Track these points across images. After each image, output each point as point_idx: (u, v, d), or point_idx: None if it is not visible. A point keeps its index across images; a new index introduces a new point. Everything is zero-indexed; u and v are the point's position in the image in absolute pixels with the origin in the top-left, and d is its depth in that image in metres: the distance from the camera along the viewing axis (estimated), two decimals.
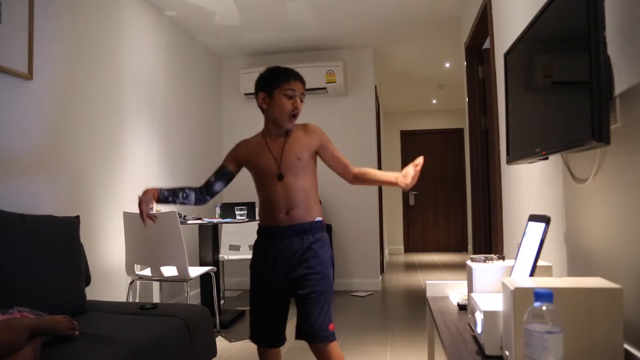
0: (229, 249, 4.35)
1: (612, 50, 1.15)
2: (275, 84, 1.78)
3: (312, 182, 1.82)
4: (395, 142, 8.09)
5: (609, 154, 1.24)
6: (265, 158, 1.79)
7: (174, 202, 1.86)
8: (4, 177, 2.26)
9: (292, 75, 1.79)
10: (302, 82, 1.81)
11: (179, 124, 4.12)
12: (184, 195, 1.86)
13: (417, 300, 4.33)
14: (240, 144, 1.90)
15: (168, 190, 1.84)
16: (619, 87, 1.15)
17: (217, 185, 1.88)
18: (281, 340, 1.83)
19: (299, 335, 1.74)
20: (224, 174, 1.88)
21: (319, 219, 1.80)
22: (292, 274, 1.75)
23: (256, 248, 1.86)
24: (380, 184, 1.79)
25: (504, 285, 1.11)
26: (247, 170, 1.89)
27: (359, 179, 1.88)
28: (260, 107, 1.85)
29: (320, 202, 1.88)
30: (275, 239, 1.78)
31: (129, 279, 3.10)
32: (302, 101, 1.80)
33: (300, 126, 1.85)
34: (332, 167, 1.89)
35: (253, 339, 1.84)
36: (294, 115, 1.78)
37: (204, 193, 1.89)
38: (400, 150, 8.10)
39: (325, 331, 1.70)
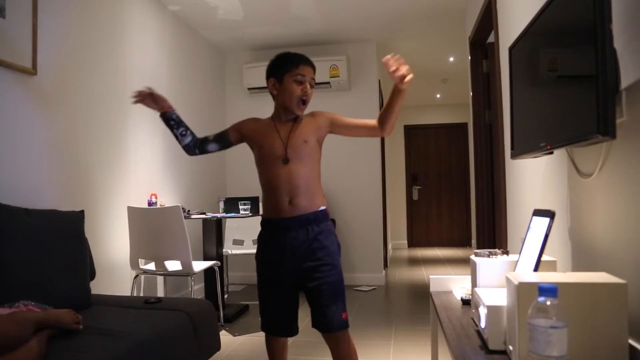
0: (233, 244, 4.37)
1: (619, 43, 1.14)
2: (285, 69, 1.78)
3: (316, 171, 1.81)
4: (399, 136, 8.07)
5: (615, 149, 1.23)
6: (271, 139, 1.79)
7: (172, 128, 1.91)
8: (9, 172, 2.27)
9: (301, 61, 1.78)
10: (312, 67, 1.81)
11: (183, 118, 4.11)
12: (184, 132, 1.90)
13: (421, 294, 4.33)
14: (249, 119, 1.91)
15: (177, 116, 1.91)
16: (625, 80, 1.14)
17: (212, 146, 1.91)
18: (290, 330, 1.84)
19: (314, 325, 1.75)
20: (223, 139, 1.90)
21: (322, 208, 1.80)
22: (300, 267, 1.74)
23: (260, 240, 1.86)
24: (395, 106, 1.72)
25: (507, 280, 1.10)
26: (248, 167, 1.90)
27: (383, 125, 1.80)
28: (271, 93, 1.85)
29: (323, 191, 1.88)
30: (279, 231, 1.77)
31: (133, 273, 3.12)
32: (312, 87, 1.79)
33: (308, 114, 1.87)
34: (357, 134, 1.91)
35: (263, 327, 1.86)
36: (304, 102, 1.78)
37: (197, 145, 1.91)
38: (404, 144, 8.08)
39: (339, 320, 1.71)
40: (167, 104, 1.89)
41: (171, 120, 1.89)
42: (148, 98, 1.86)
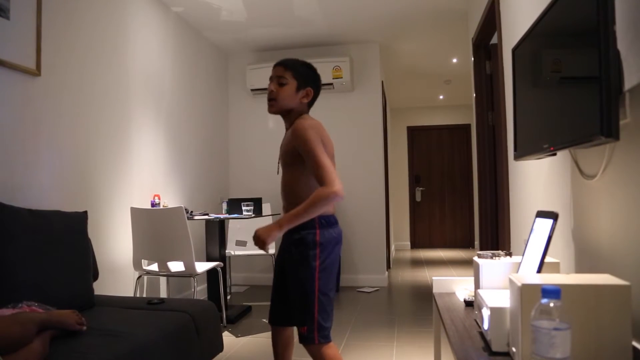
0: (236, 245, 4.37)
1: (622, 44, 1.13)
2: None
3: (298, 179, 1.71)
4: (402, 138, 8.07)
5: (618, 150, 1.22)
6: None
7: None
8: (12, 173, 2.28)
9: (275, 65, 1.81)
10: (281, 65, 1.78)
11: (186, 119, 4.13)
12: None
13: (424, 296, 4.32)
14: None
15: None
16: (629, 82, 1.14)
17: None
18: (286, 321, 1.84)
19: None
20: None
21: None
22: (283, 267, 1.82)
23: None
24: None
25: (511, 281, 1.10)
26: (251, 168, 1.93)
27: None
28: None
29: None
30: None
31: (137, 274, 3.13)
32: (281, 84, 1.75)
33: (296, 123, 1.72)
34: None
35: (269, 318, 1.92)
36: (269, 100, 1.78)
37: None
38: (407, 146, 8.07)
39: (300, 331, 1.70)
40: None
41: None
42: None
